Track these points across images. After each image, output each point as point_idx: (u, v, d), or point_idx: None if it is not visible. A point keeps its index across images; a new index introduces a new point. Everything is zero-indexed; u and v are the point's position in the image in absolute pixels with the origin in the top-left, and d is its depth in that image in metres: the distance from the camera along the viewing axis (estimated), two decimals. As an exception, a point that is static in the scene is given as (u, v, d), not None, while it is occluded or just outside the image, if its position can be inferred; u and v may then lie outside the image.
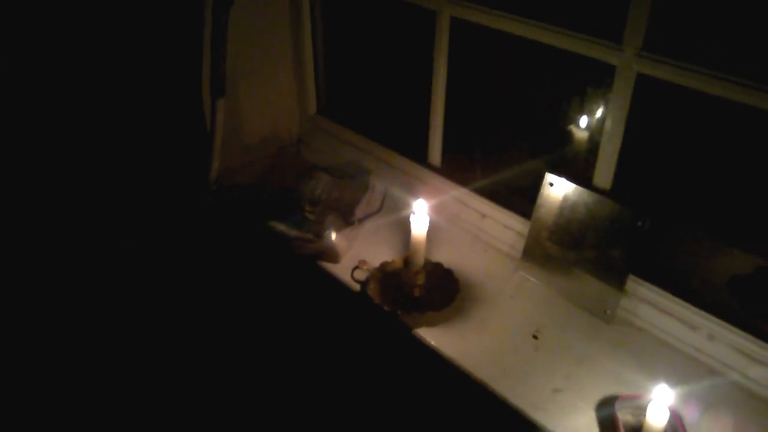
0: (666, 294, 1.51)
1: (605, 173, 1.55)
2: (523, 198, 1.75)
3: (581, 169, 1.63)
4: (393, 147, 2.06)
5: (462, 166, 1.94)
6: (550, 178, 1.64)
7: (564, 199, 1.62)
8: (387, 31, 2.05)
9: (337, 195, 1.93)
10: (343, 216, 1.86)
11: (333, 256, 1.77)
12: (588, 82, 1.56)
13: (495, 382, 1.43)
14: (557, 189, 1.63)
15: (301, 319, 2.01)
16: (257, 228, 1.83)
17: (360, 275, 1.72)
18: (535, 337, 1.54)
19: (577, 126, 1.64)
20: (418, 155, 2.00)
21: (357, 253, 1.79)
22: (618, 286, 1.53)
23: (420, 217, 1.55)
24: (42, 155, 2.03)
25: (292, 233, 1.79)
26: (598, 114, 1.57)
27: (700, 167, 1.46)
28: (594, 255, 1.58)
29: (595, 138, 1.57)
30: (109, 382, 2.15)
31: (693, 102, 1.36)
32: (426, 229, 1.56)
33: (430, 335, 1.55)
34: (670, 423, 1.25)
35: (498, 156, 1.89)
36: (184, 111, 2.04)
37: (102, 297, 2.23)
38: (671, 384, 1.27)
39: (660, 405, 1.22)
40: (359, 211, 1.90)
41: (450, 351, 1.51)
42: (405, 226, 1.59)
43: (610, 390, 1.40)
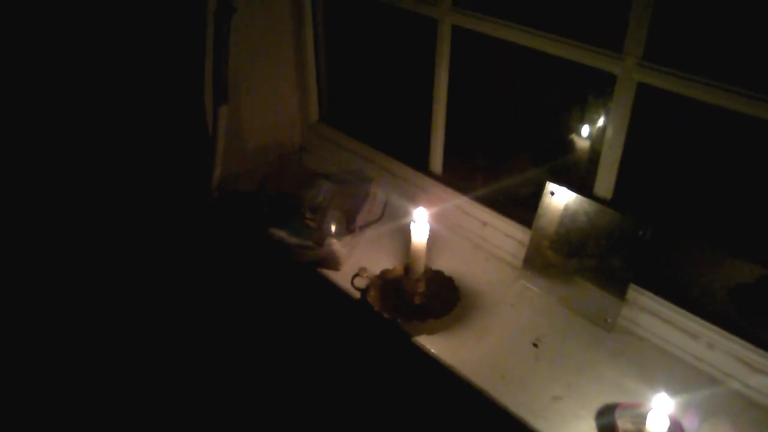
0: (667, 303, 1.51)
1: (606, 182, 1.56)
2: (524, 207, 1.75)
3: (582, 178, 1.63)
4: (394, 155, 2.07)
5: (463, 174, 1.95)
6: (551, 186, 1.64)
7: (565, 208, 1.62)
8: (389, 39, 2.06)
9: (339, 202, 1.93)
10: (345, 223, 1.86)
11: (333, 263, 1.77)
12: (589, 91, 1.57)
13: (495, 389, 1.43)
14: (558, 198, 1.63)
15: (302, 326, 2.00)
16: (258, 235, 1.83)
17: (360, 282, 1.72)
18: (536, 346, 1.54)
19: (579, 135, 1.65)
20: (419, 163, 2.00)
21: (357, 261, 1.79)
22: (619, 295, 1.53)
23: (420, 225, 1.55)
24: (44, 157, 2.04)
25: (292, 240, 1.79)
26: (599, 123, 1.58)
27: (701, 176, 1.46)
28: (595, 264, 1.58)
29: (596, 147, 1.57)
30: (109, 382, 2.15)
31: (694, 111, 1.36)
32: (426, 237, 1.57)
33: (430, 343, 1.55)
34: (670, 431, 1.25)
35: (499, 164, 1.90)
36: (186, 117, 2.04)
37: (103, 299, 2.23)
38: (671, 392, 1.27)
39: (660, 413, 1.22)
40: (360, 219, 1.90)
41: (450, 359, 1.50)
42: (406, 233, 1.59)
43: (610, 398, 1.39)
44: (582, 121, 1.63)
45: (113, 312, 2.25)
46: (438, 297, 1.65)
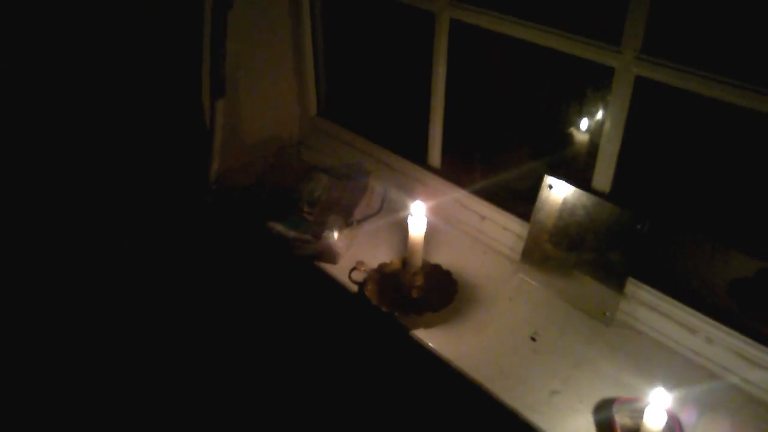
0: (665, 297, 1.50)
1: (604, 176, 1.55)
2: (523, 200, 1.74)
3: (581, 172, 1.63)
4: (393, 148, 2.06)
5: (461, 167, 1.94)
6: (549, 180, 1.63)
7: (563, 202, 1.61)
8: (387, 33, 2.05)
9: (337, 196, 1.92)
10: (343, 217, 1.85)
11: (331, 257, 1.77)
12: (587, 84, 1.56)
13: (492, 383, 1.43)
14: (556, 191, 1.62)
15: (299, 320, 2.00)
16: (256, 228, 1.83)
17: (358, 276, 1.72)
18: (534, 339, 1.54)
19: (577, 128, 1.64)
20: (417, 157, 2.00)
21: (355, 254, 1.79)
22: (617, 288, 1.53)
23: (418, 219, 1.55)
24: (42, 155, 2.03)
25: (290, 234, 1.79)
26: (597, 116, 1.57)
27: (699, 170, 1.46)
28: (593, 257, 1.57)
29: (595, 140, 1.56)
30: (109, 382, 2.15)
31: (692, 104, 1.35)
32: (424, 231, 1.56)
33: (427, 336, 1.55)
34: (667, 426, 1.24)
35: (497, 158, 1.89)
36: (184, 111, 2.04)
37: (102, 297, 2.23)
38: (669, 387, 1.27)
39: (658, 408, 1.22)
40: (358, 213, 1.89)
41: (447, 352, 1.50)
42: (404, 227, 1.59)
43: (608, 393, 1.39)
44: (580, 115, 1.62)
45: (113, 312, 2.24)
46: (436, 290, 1.65)
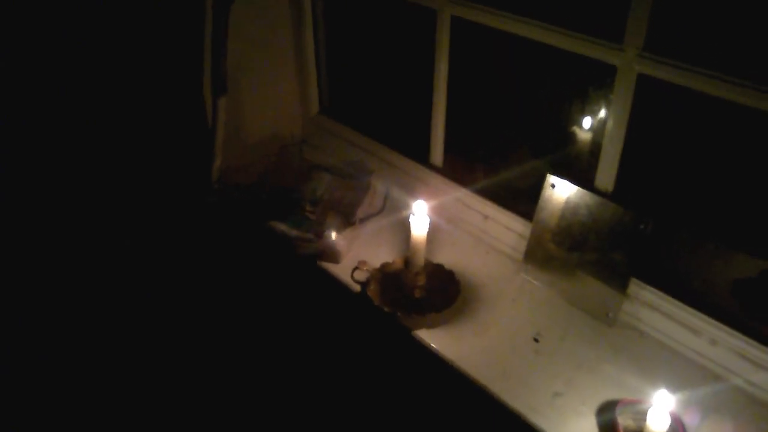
0: (668, 298, 1.49)
1: (607, 175, 1.54)
2: (525, 199, 1.73)
3: (583, 171, 1.61)
4: (395, 147, 2.05)
5: (464, 166, 1.93)
6: (552, 179, 1.62)
7: (566, 201, 1.60)
8: (389, 31, 2.04)
9: (339, 195, 1.92)
10: (345, 216, 1.85)
11: (333, 256, 1.76)
12: (589, 82, 1.55)
13: (495, 384, 1.42)
14: (559, 191, 1.61)
15: (301, 319, 2.00)
16: (258, 227, 1.82)
17: (360, 276, 1.72)
18: (536, 340, 1.53)
19: (580, 127, 1.63)
20: (420, 155, 1.99)
21: (358, 254, 1.79)
22: (620, 289, 1.52)
23: (420, 218, 1.54)
24: (42, 155, 2.03)
25: (292, 233, 1.79)
26: (600, 115, 1.56)
27: (702, 169, 1.44)
28: (596, 258, 1.56)
29: (597, 139, 1.55)
30: (110, 382, 2.15)
31: (695, 103, 1.34)
32: (426, 230, 1.55)
33: (429, 337, 1.54)
34: (671, 428, 1.23)
35: (500, 157, 1.88)
36: (185, 110, 2.03)
37: (102, 297, 2.23)
38: (673, 389, 1.26)
39: (661, 410, 1.21)
40: (360, 212, 1.89)
41: (450, 353, 1.50)
42: (406, 226, 1.58)
43: (611, 394, 1.38)
44: (583, 113, 1.61)
45: (114, 312, 2.24)
46: (438, 290, 1.64)
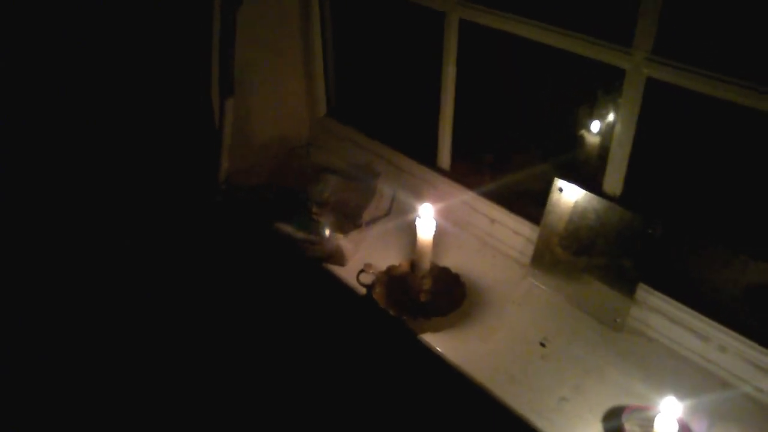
0: (677, 303, 1.48)
1: (615, 179, 1.53)
2: (533, 203, 1.72)
3: (591, 175, 1.60)
4: (402, 150, 2.05)
5: (471, 170, 1.92)
6: (559, 183, 1.61)
7: (574, 205, 1.59)
8: (396, 33, 2.04)
9: (345, 197, 1.91)
10: (351, 219, 1.84)
11: (339, 258, 1.76)
12: (598, 85, 1.54)
13: (500, 389, 1.41)
14: (567, 195, 1.60)
15: (306, 322, 2.00)
16: (264, 229, 1.82)
17: (366, 279, 1.71)
18: (543, 345, 1.52)
19: (588, 130, 1.62)
20: (427, 158, 1.98)
21: (363, 257, 1.78)
22: (628, 294, 1.51)
23: (426, 221, 1.53)
24: (50, 155, 2.04)
25: (298, 235, 1.78)
26: (608, 118, 1.55)
27: (712, 173, 1.43)
28: (604, 262, 1.55)
29: (606, 143, 1.54)
30: (110, 382, 2.15)
31: (704, 106, 1.33)
32: (432, 234, 1.55)
33: (435, 341, 1.53)
34: (678, 436, 1.22)
35: (507, 160, 1.87)
36: (193, 111, 2.04)
37: (105, 297, 2.23)
38: (680, 395, 1.25)
39: (668, 417, 1.20)
40: (367, 214, 1.88)
41: (455, 357, 1.49)
42: (413, 229, 1.57)
43: (617, 400, 1.37)
44: (591, 117, 1.60)
45: (116, 312, 2.25)
46: (444, 294, 1.63)
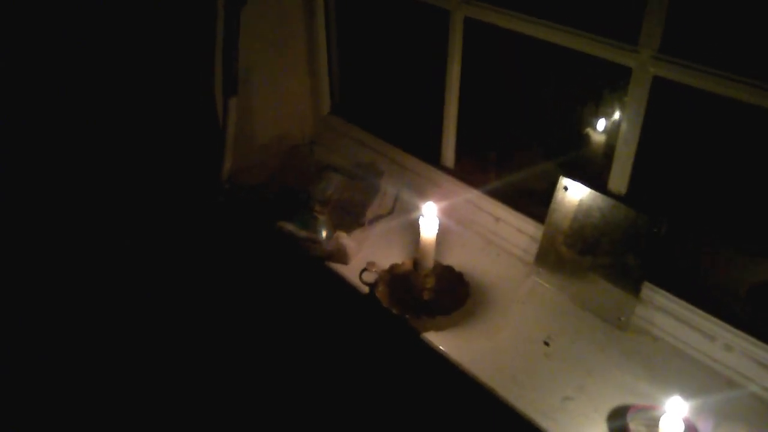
0: (683, 302, 1.47)
1: (620, 177, 1.52)
2: (537, 202, 1.72)
3: (596, 173, 1.59)
4: (406, 148, 2.04)
5: (475, 168, 1.92)
6: (564, 181, 1.60)
7: (579, 204, 1.58)
8: (401, 31, 2.03)
9: (349, 196, 1.91)
10: (354, 217, 1.84)
11: (342, 257, 1.75)
12: (604, 84, 1.54)
13: (504, 388, 1.40)
14: (572, 193, 1.60)
15: (309, 321, 1.99)
16: (267, 227, 1.82)
17: (369, 277, 1.70)
18: (547, 344, 1.51)
19: (593, 129, 1.61)
20: (431, 157, 1.98)
21: (366, 255, 1.77)
22: (633, 293, 1.50)
23: (429, 220, 1.53)
24: (53, 154, 2.04)
25: (301, 234, 1.78)
26: (614, 117, 1.54)
27: (718, 172, 1.42)
28: (609, 261, 1.54)
29: (611, 141, 1.54)
30: (110, 382, 2.14)
31: (711, 105, 1.32)
32: (435, 232, 1.54)
33: (438, 339, 1.53)
34: (684, 435, 1.22)
35: (512, 158, 1.87)
36: (196, 110, 2.03)
37: (109, 298, 2.23)
38: (686, 395, 1.25)
39: (674, 417, 1.19)
40: (370, 213, 1.88)
41: (459, 356, 1.48)
42: (416, 228, 1.57)
43: (622, 400, 1.36)
44: (596, 115, 1.59)
45: (118, 313, 2.24)
46: (447, 293, 1.63)
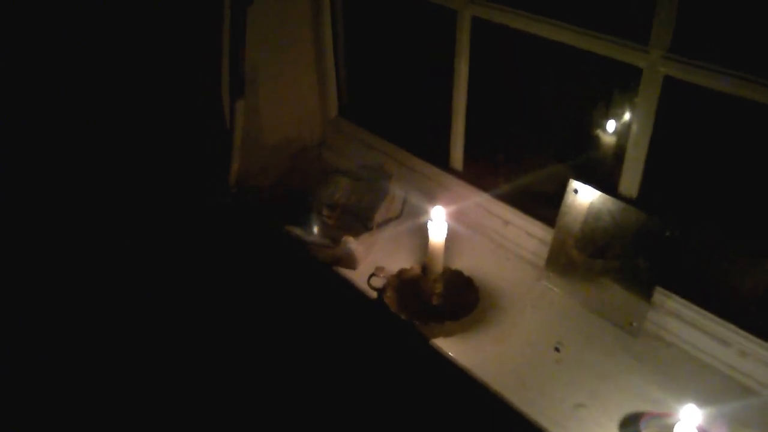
0: (696, 307, 1.45)
1: (631, 180, 1.50)
2: (547, 205, 1.70)
3: (607, 176, 1.57)
4: (414, 150, 2.03)
5: (484, 171, 1.90)
6: (574, 184, 1.58)
7: (589, 207, 1.56)
8: (408, 32, 2.02)
9: (356, 199, 1.90)
10: (362, 221, 1.82)
11: (350, 262, 1.74)
12: (614, 84, 1.52)
13: (514, 395, 1.39)
14: (582, 196, 1.57)
15: (316, 325, 1.98)
16: (274, 232, 1.81)
17: (377, 282, 1.69)
18: (557, 350, 1.49)
19: (603, 131, 1.59)
20: (439, 159, 1.96)
21: (375, 260, 1.76)
22: (645, 297, 1.48)
23: (438, 224, 1.51)
24: (57, 155, 2.04)
25: (308, 238, 1.77)
26: (624, 118, 1.52)
27: (731, 174, 1.40)
28: (620, 265, 1.52)
29: (622, 143, 1.51)
30: (111, 382, 2.14)
31: (723, 105, 1.30)
32: (444, 236, 1.52)
33: (447, 345, 1.51)
34: (697, 444, 1.20)
35: (521, 161, 1.85)
36: (203, 112, 2.03)
37: (113, 298, 2.23)
38: (700, 402, 1.23)
39: (688, 424, 1.18)
40: (378, 216, 1.86)
41: (468, 362, 1.47)
42: (425, 232, 1.55)
43: (635, 407, 1.35)
44: (606, 117, 1.57)
45: (124, 312, 2.24)
46: (457, 298, 1.61)
